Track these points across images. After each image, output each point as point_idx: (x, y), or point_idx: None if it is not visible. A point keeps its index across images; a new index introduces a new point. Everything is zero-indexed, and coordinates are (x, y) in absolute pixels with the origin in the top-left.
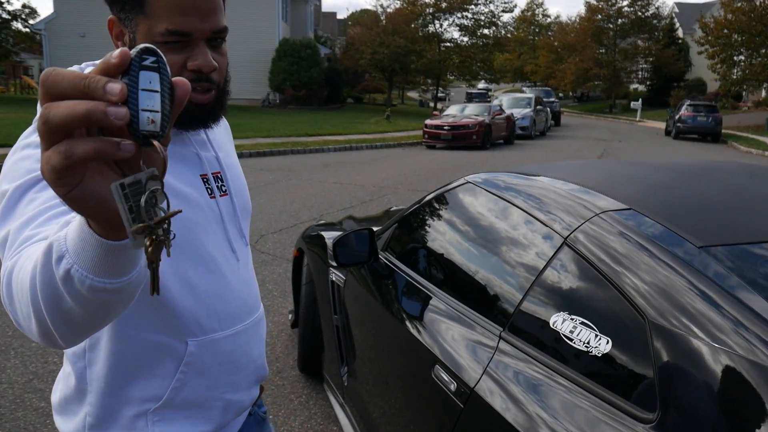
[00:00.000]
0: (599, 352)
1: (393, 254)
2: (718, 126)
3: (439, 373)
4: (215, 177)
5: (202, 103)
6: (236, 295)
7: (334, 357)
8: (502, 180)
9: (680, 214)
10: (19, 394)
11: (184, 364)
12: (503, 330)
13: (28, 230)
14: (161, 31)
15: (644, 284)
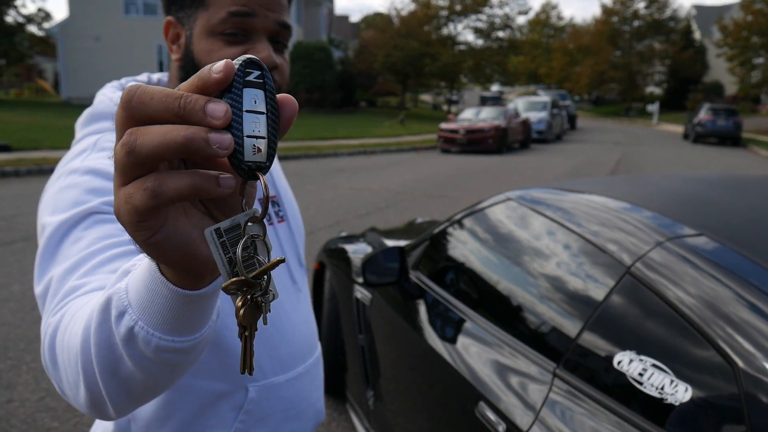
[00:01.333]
0: (676, 399)
1: (424, 274)
2: (738, 130)
3: (483, 411)
4: (272, 201)
5: None
6: (298, 332)
7: (359, 378)
8: (547, 197)
9: (757, 239)
10: (30, 413)
11: (244, 412)
12: (557, 366)
13: (73, 279)
14: (222, 17)
15: (729, 324)
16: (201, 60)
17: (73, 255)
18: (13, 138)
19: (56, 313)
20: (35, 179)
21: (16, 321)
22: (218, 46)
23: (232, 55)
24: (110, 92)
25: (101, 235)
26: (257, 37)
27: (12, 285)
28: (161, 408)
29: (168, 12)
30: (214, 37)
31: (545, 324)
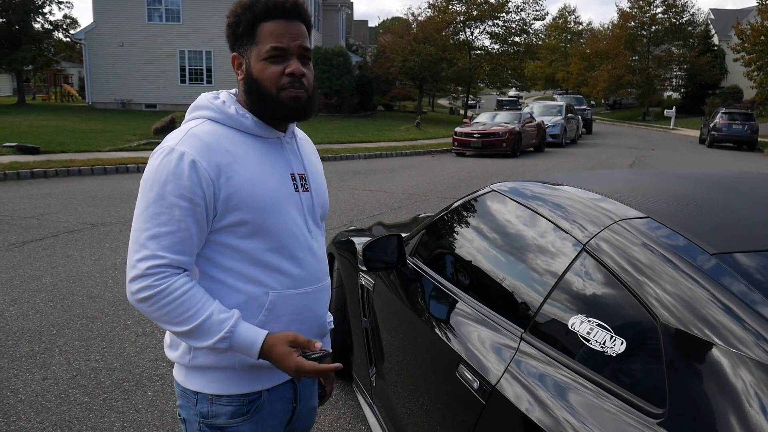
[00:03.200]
0: (614, 352)
1: (420, 259)
2: (754, 134)
3: (463, 372)
4: (300, 177)
5: (297, 96)
6: (308, 264)
7: (363, 358)
8: (526, 188)
9: (696, 222)
10: (64, 390)
11: (266, 310)
12: (524, 332)
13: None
14: (267, 50)
15: (658, 288)
16: (257, 76)
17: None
18: (41, 141)
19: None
20: (63, 180)
21: (47, 309)
22: (267, 66)
23: (277, 71)
24: (208, 94)
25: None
26: (290, 58)
27: (43, 277)
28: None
29: (233, 50)
30: (263, 62)
31: (516, 296)
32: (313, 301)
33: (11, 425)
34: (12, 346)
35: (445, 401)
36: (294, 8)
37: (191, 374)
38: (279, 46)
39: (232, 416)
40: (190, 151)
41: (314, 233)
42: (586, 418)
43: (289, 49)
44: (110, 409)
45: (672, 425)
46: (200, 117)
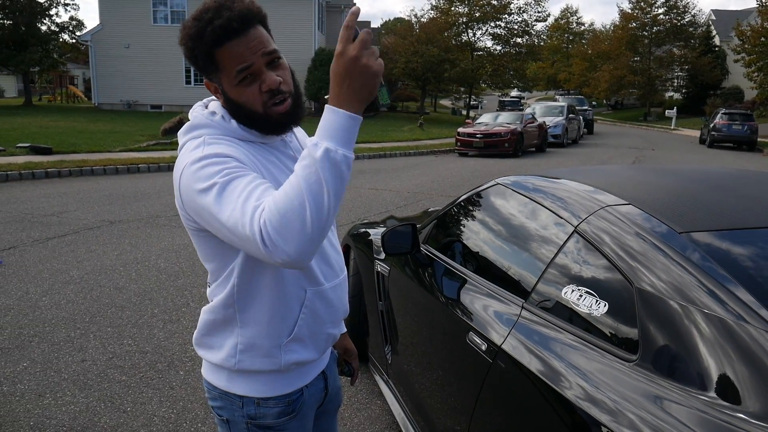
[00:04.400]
0: (599, 313)
1: (432, 246)
2: (753, 135)
3: (472, 337)
4: None
5: (285, 110)
6: (333, 258)
7: (379, 339)
8: (527, 181)
9: (669, 207)
10: (102, 370)
11: (304, 307)
12: (525, 301)
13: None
14: (234, 74)
15: (634, 261)
16: (238, 100)
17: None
18: (53, 141)
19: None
20: (76, 180)
21: (78, 299)
22: (242, 90)
23: (253, 91)
24: (200, 109)
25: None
26: (260, 73)
27: (70, 270)
28: (264, 303)
29: (203, 76)
30: (237, 86)
31: (517, 272)
32: (341, 290)
33: (59, 400)
34: (49, 332)
35: (456, 365)
36: (242, 21)
37: (236, 378)
38: (244, 66)
39: (279, 416)
40: (222, 150)
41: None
42: (575, 365)
43: (255, 64)
44: (147, 386)
45: (642, 367)
46: (200, 136)
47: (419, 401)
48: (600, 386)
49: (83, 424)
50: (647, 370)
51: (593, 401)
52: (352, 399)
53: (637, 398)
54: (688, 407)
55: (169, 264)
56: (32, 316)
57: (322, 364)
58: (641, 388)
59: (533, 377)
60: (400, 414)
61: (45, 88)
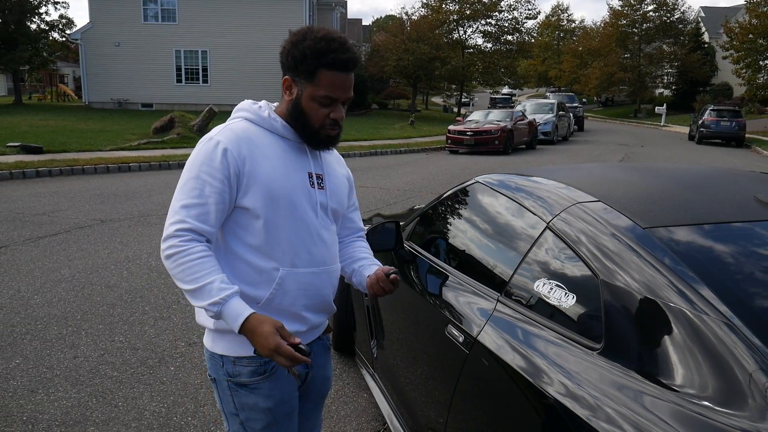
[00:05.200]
0: (568, 305)
1: (415, 242)
2: (741, 131)
3: (451, 330)
4: (317, 176)
5: (335, 135)
6: (316, 249)
7: (365, 334)
8: (505, 180)
9: (636, 204)
10: (94, 366)
11: (276, 284)
12: (500, 295)
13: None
14: (322, 95)
15: (600, 254)
16: (306, 109)
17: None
18: (43, 140)
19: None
20: (67, 179)
21: (70, 297)
22: (317, 106)
23: (323, 113)
24: (248, 101)
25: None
26: (337, 104)
27: (61, 269)
28: (235, 268)
29: (286, 73)
30: (314, 101)
31: (494, 267)
32: (319, 280)
33: (51, 395)
34: (41, 329)
35: (436, 358)
36: (354, 64)
37: (217, 339)
38: (333, 96)
39: (253, 375)
40: (224, 140)
41: (325, 224)
42: (545, 355)
43: (339, 99)
44: (138, 381)
45: (606, 355)
46: (239, 117)
47: (403, 394)
48: (567, 374)
49: (75, 419)
50: (610, 359)
51: (561, 388)
52: (339, 392)
53: (601, 386)
54: (649, 394)
55: (159, 262)
56: (24, 314)
57: (302, 339)
58: (605, 376)
59: (506, 367)
60: (385, 407)
61: (35, 86)
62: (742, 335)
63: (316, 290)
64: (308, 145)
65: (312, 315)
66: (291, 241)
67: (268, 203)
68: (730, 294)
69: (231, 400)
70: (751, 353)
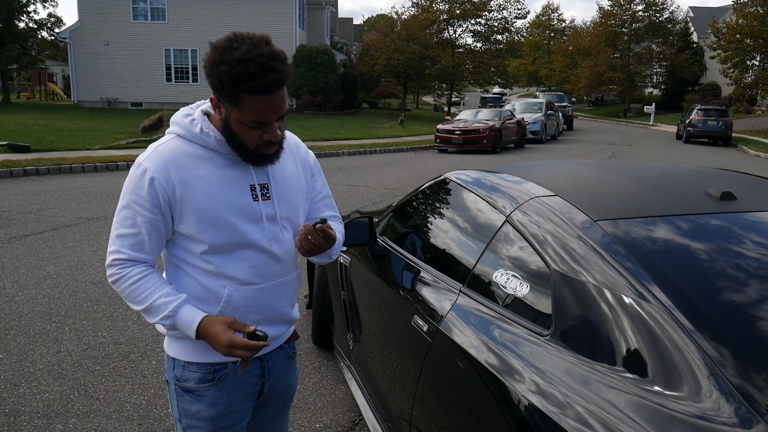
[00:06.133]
0: (522, 293)
1: (388, 237)
2: (728, 130)
3: (416, 320)
4: (262, 186)
5: (269, 154)
6: (264, 265)
7: (342, 327)
8: (471, 175)
9: (590, 199)
10: (77, 360)
11: (224, 302)
12: (463, 286)
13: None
14: (248, 120)
15: (552, 245)
16: (237, 132)
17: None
18: (31, 139)
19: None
20: (55, 178)
21: (54, 294)
22: (246, 129)
23: (255, 136)
24: (182, 111)
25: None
26: (269, 125)
27: (47, 266)
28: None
29: (215, 93)
30: (243, 125)
31: (458, 259)
32: (270, 295)
33: (33, 389)
34: (25, 325)
35: (403, 349)
36: (277, 86)
37: (172, 342)
38: (260, 121)
39: (200, 381)
40: (151, 168)
41: (275, 236)
42: (499, 340)
43: (269, 121)
44: (120, 375)
45: (554, 341)
46: (172, 133)
47: (376, 386)
48: (519, 358)
49: (57, 411)
50: (558, 344)
51: (514, 373)
52: (317, 385)
53: (548, 369)
54: (593, 378)
55: None
56: (8, 310)
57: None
58: (553, 360)
59: (465, 353)
60: (360, 398)
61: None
62: (679, 322)
63: (266, 305)
64: (249, 162)
65: (266, 328)
66: (236, 261)
67: (205, 228)
68: (672, 283)
69: (176, 405)
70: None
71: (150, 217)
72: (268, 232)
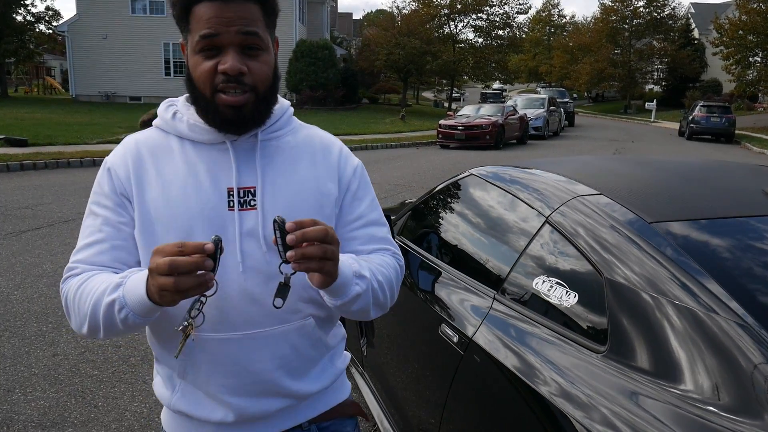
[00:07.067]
0: (569, 304)
1: (407, 237)
2: (731, 127)
3: (444, 329)
4: (245, 191)
5: (233, 104)
6: (232, 304)
7: (355, 332)
8: (501, 172)
9: (639, 197)
10: (74, 364)
11: (182, 352)
12: (497, 293)
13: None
14: (197, 40)
15: (604, 251)
16: (193, 72)
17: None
18: (29, 133)
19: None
20: (52, 172)
21: (51, 293)
22: (200, 61)
23: (208, 67)
24: (166, 101)
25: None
26: (225, 50)
27: (44, 264)
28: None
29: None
30: (196, 55)
31: (489, 263)
32: (241, 350)
33: (28, 395)
34: (21, 326)
35: (429, 357)
36: None
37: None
38: (207, 33)
39: None
40: (111, 158)
41: (254, 264)
42: (544, 357)
43: (221, 36)
44: (119, 380)
45: (611, 359)
46: (154, 124)
47: (393, 393)
48: (569, 378)
49: (53, 420)
50: (616, 362)
51: (563, 393)
52: None
53: (606, 390)
54: (658, 399)
55: None
56: (3, 310)
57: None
58: (610, 381)
59: (503, 369)
60: (375, 407)
61: (21, 79)
62: (755, 334)
63: (237, 365)
64: (214, 126)
65: (240, 400)
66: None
67: (152, 240)
68: (742, 291)
69: None
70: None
71: (110, 217)
72: (245, 255)
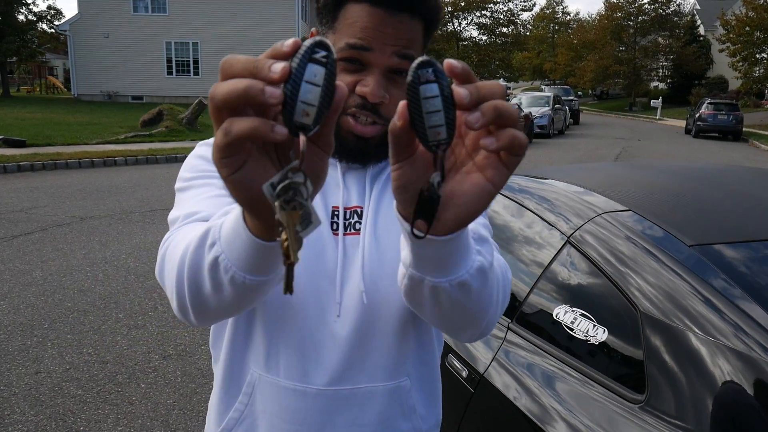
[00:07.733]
0: (597, 340)
1: None
2: (738, 124)
3: (452, 361)
4: (351, 211)
5: (362, 135)
6: (315, 352)
7: None
8: (513, 182)
9: (674, 214)
10: (57, 383)
11: (243, 393)
12: (511, 321)
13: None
14: (341, 46)
15: (638, 279)
16: None
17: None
18: (28, 133)
19: (172, 233)
20: (50, 174)
21: (39, 303)
22: (339, 69)
23: (346, 82)
24: None
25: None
26: (370, 69)
27: (33, 271)
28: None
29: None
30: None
31: None
32: (313, 407)
33: (6, 418)
34: (4, 340)
35: None
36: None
37: None
38: (357, 44)
39: None
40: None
41: (348, 305)
42: (571, 405)
43: (372, 53)
44: (104, 401)
45: (651, 410)
46: None
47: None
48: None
49: None
50: (657, 414)
51: None
52: None
53: None
54: None
55: (139, 263)
56: None
57: None
58: None
59: (522, 416)
60: None
61: (23, 78)
62: None
63: (306, 425)
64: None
65: None
66: (274, 329)
67: None
68: None
69: None
70: None
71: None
72: (344, 295)
